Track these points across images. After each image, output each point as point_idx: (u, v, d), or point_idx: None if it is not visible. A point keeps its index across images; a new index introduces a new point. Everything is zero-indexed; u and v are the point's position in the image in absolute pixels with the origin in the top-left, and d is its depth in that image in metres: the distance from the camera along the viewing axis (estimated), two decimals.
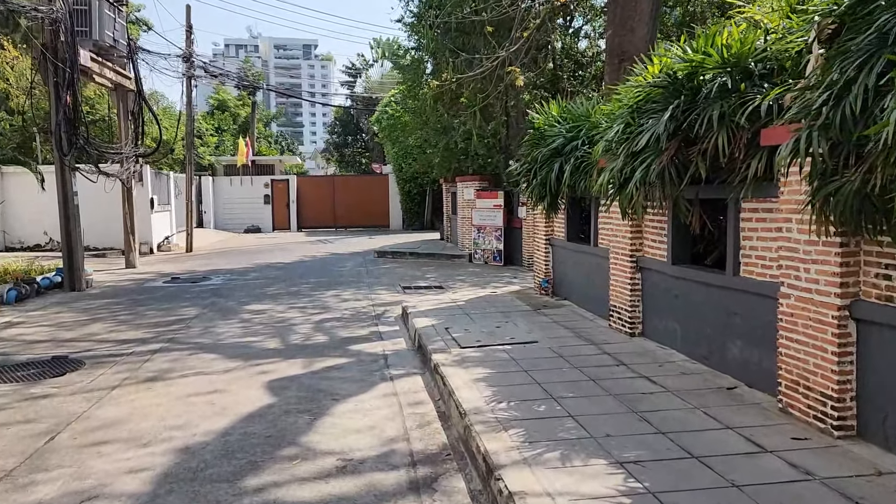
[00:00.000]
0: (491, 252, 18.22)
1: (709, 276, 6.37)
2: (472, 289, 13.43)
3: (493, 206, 18.15)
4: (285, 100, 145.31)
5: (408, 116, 21.29)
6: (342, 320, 10.60)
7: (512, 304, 10.49)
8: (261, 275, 16.55)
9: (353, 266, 18.23)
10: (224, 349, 8.70)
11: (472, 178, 19.24)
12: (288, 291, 13.73)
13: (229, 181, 33.42)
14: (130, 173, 17.81)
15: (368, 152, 51.39)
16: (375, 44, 49.89)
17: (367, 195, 33.90)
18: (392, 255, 20.20)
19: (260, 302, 12.42)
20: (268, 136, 58.11)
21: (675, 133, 5.81)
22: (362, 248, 23.60)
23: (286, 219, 33.71)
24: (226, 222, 33.00)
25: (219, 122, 38.20)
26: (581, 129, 8.98)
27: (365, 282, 15.03)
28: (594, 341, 7.76)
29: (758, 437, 4.64)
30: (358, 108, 49.91)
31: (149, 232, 22.36)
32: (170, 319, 10.80)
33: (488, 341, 7.90)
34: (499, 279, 15.09)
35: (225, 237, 29.74)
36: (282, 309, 11.68)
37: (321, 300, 12.60)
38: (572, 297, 10.32)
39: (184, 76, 22.25)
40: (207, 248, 24.90)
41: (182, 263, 19.38)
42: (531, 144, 10.35)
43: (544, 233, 11.25)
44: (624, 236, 7.92)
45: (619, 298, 8.10)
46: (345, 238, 28.69)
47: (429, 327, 8.86)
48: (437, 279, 15.27)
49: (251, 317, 10.98)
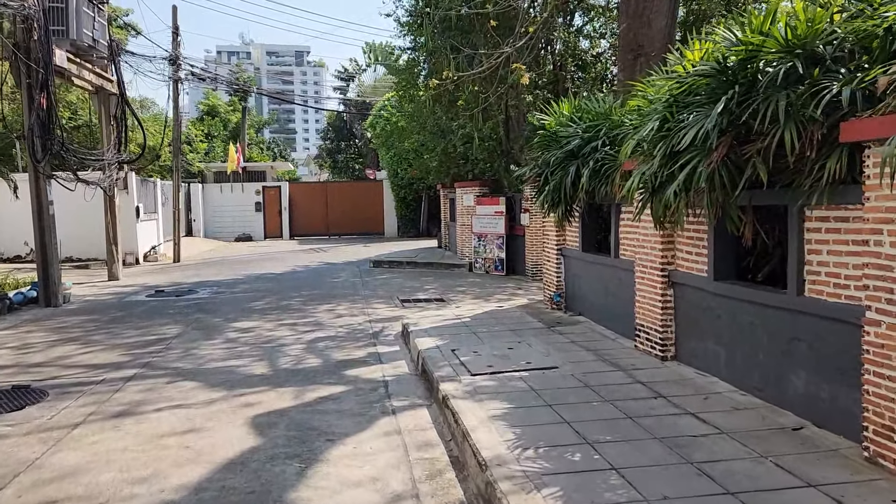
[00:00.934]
0: (492, 261, 17.35)
1: (763, 294, 5.50)
2: (475, 302, 12.56)
3: (495, 212, 17.30)
4: (278, 106, 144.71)
5: (403, 121, 20.41)
6: (336, 339, 9.71)
7: (522, 321, 9.61)
8: (250, 287, 15.64)
9: (347, 277, 17.33)
10: (205, 376, 7.80)
11: (472, 184, 18.38)
12: (278, 306, 12.83)
13: (219, 188, 32.48)
14: (113, 181, 16.90)
15: (362, 158, 50.55)
16: (368, 48, 48.99)
17: (361, 202, 33.01)
18: (388, 265, 19.32)
19: (248, 318, 11.51)
20: (260, 143, 57.18)
21: (728, 129, 4.96)
22: (357, 256, 22.71)
23: (278, 226, 32.78)
24: (216, 230, 32.06)
25: (209, 128, 37.22)
26: (600, 129, 8.13)
27: (360, 294, 14.14)
28: (621, 366, 6.89)
29: (850, 500, 3.77)
30: (351, 114, 49.12)
31: (134, 242, 21.42)
32: (148, 339, 9.88)
33: (502, 367, 7.02)
34: (502, 290, 14.22)
35: (215, 246, 28.79)
36: (271, 326, 10.77)
37: (314, 316, 11.70)
38: (589, 313, 9.45)
39: (170, 79, 21.35)
40: (196, 257, 23.96)
41: (168, 275, 18.45)
42: (541, 146, 9.50)
43: (555, 242, 10.39)
44: (653, 247, 7.06)
45: (648, 317, 7.24)
46: (338, 246, 27.79)
47: (433, 349, 7.98)
48: (437, 291, 14.40)
49: (237, 336, 10.07)
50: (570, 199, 8.61)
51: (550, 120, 9.45)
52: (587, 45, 18.24)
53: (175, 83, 21.37)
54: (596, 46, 18.50)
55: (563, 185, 8.56)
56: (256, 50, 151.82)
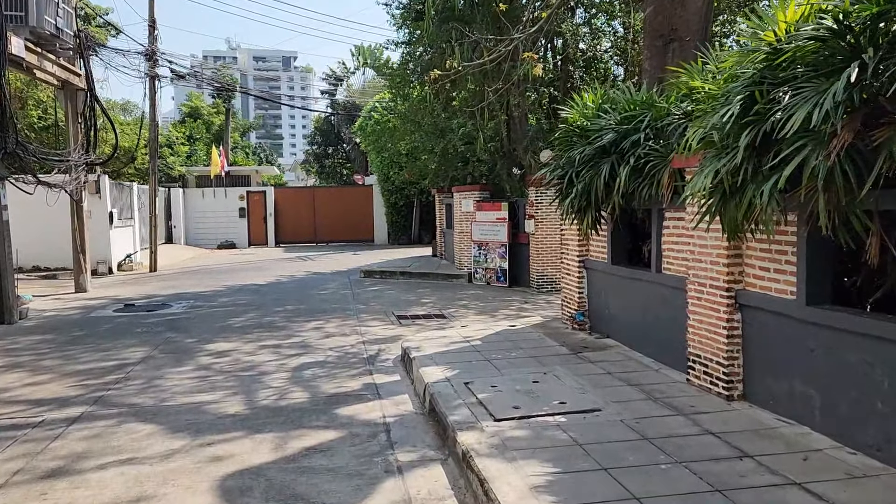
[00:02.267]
0: (494, 271, 16.07)
1: (884, 326, 4.24)
2: (480, 318, 11.27)
3: (496, 218, 16.03)
4: (264, 111, 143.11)
5: (396, 121, 19.11)
6: (326, 366, 8.38)
7: (542, 345, 8.32)
8: (230, 300, 14.26)
9: (336, 288, 15.99)
10: (168, 416, 6.45)
11: (471, 188, 17.09)
12: (260, 323, 11.47)
13: (201, 193, 31.02)
14: (80, 184, 15.49)
15: (350, 163, 49.21)
16: (357, 51, 47.76)
17: (350, 207, 31.65)
18: (380, 275, 17.99)
19: (225, 338, 10.16)
20: (245, 147, 55.73)
21: (857, 107, 3.71)
22: (346, 265, 21.37)
23: (263, 233, 31.35)
24: (198, 237, 30.60)
25: (190, 130, 35.71)
26: (642, 120, 6.86)
27: (352, 309, 12.81)
28: (679, 408, 5.60)
29: None
30: (339, 117, 47.76)
31: (107, 250, 19.98)
32: (107, 366, 8.51)
33: (531, 408, 5.72)
34: (508, 304, 12.94)
35: (196, 254, 27.34)
36: (251, 349, 9.42)
37: (300, 335, 10.36)
38: (619, 336, 8.17)
39: (146, 75, 19.94)
40: (175, 266, 22.52)
41: (142, 286, 17.03)
42: (563, 143, 8.22)
43: (577, 253, 9.10)
44: (715, 262, 5.80)
45: (707, 346, 5.96)
46: (327, 254, 26.41)
47: (442, 382, 6.67)
48: (435, 305, 13.09)
49: (211, 361, 8.71)
50: (601, 202, 7.33)
51: (574, 113, 8.18)
52: (590, 42, 17.06)
53: (152, 80, 19.95)
54: (599, 44, 17.34)
55: (593, 186, 7.28)
56: (243, 55, 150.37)
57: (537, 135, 14.99)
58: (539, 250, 15.02)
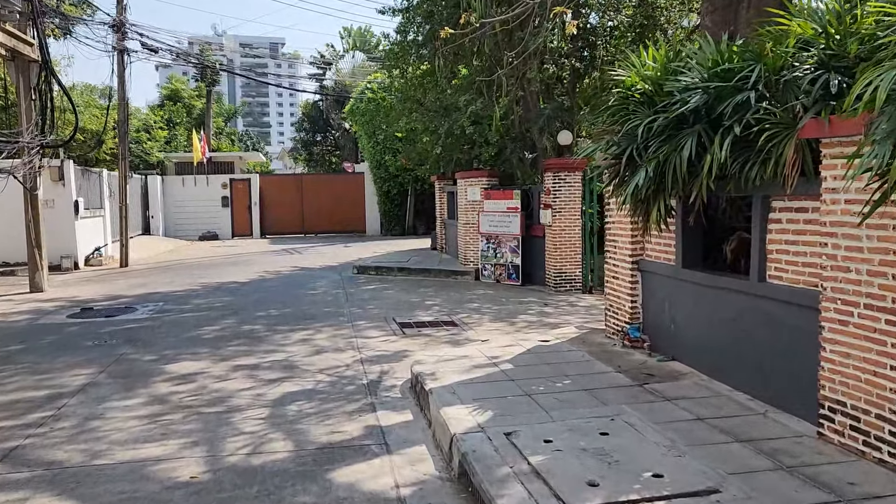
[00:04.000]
0: (504, 268, 14.29)
1: None
2: (499, 327, 9.49)
3: (508, 208, 14.23)
4: (251, 98, 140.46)
5: (392, 99, 17.20)
6: (316, 397, 6.58)
7: (591, 369, 6.55)
8: (205, 303, 12.42)
9: (327, 287, 14.17)
10: (95, 485, 4.63)
11: (478, 174, 15.26)
12: (237, 332, 9.64)
13: (181, 181, 29.01)
14: (34, 169, 13.59)
15: (339, 150, 47.26)
16: (346, 32, 45.25)
17: (340, 196, 29.72)
18: (376, 272, 16.16)
19: (193, 355, 8.34)
20: (231, 134, 53.58)
21: None
22: (337, 259, 19.53)
23: (248, 224, 29.41)
24: (177, 228, 28.63)
25: (170, 114, 33.59)
26: (748, 74, 5.03)
27: (345, 314, 11.00)
28: (837, 491, 3.83)
29: None
30: (328, 102, 45.74)
31: (73, 242, 18.06)
32: (36, 397, 6.68)
33: (615, 485, 3.94)
34: (525, 307, 11.18)
35: (174, 246, 25.40)
36: (222, 370, 7.60)
37: (283, 350, 8.55)
38: (693, 360, 6.40)
39: (114, 49, 17.95)
40: (150, 260, 20.62)
41: (109, 284, 15.16)
42: (619, 113, 6.41)
43: (629, 252, 7.30)
44: (879, 271, 4.02)
45: (862, 393, 4.20)
46: (315, 246, 24.54)
47: (476, 434, 4.88)
48: (442, 308, 11.31)
49: (170, 390, 6.89)
50: (682, 186, 5.52)
51: (631, 75, 6.38)
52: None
53: (120, 54, 17.96)
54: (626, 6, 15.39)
55: (669, 166, 5.48)
56: (229, 41, 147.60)
57: (556, 113, 13.17)
58: (557, 244, 13.25)
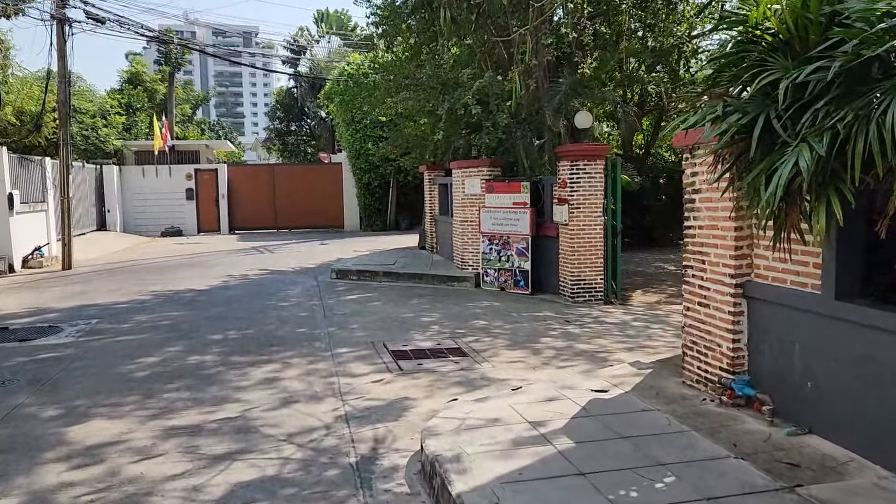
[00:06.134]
0: (511, 274, 12.12)
1: None
2: (520, 357, 7.32)
3: (514, 203, 12.06)
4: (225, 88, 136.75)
5: (376, 76, 14.90)
6: (279, 496, 4.36)
7: (691, 449, 4.39)
8: (150, 319, 10.11)
9: (301, 297, 11.91)
10: None
11: (478, 164, 13.04)
12: (180, 368, 7.37)
13: (141, 171, 26.44)
14: None
15: (315, 140, 44.85)
16: (319, 16, 42.33)
17: (315, 188, 27.35)
18: (358, 276, 13.91)
19: (113, 408, 6.07)
20: (201, 123, 50.87)
21: None
22: (313, 260, 17.24)
23: (215, 218, 26.94)
24: (137, 223, 26.10)
25: (129, 98, 30.90)
26: None
27: (322, 337, 8.77)
28: None
29: None
30: (303, 88, 43.22)
31: (7, 242, 15.66)
32: None
33: None
34: (546, 327, 9.03)
35: (132, 243, 22.91)
36: (147, 439, 5.34)
37: (239, 399, 6.29)
38: (856, 441, 4.23)
39: (53, 19, 15.48)
40: (101, 260, 18.16)
41: (40, 292, 12.77)
42: (738, 66, 4.24)
43: (731, 267, 5.11)
44: None
45: None
46: (289, 244, 22.20)
47: None
48: (443, 327, 9.14)
49: (62, 480, 4.62)
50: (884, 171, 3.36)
51: (757, 11, 4.22)
52: None
53: (59, 23, 15.48)
54: None
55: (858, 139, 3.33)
56: (202, 30, 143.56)
57: (574, 90, 10.98)
58: (574, 246, 11.12)
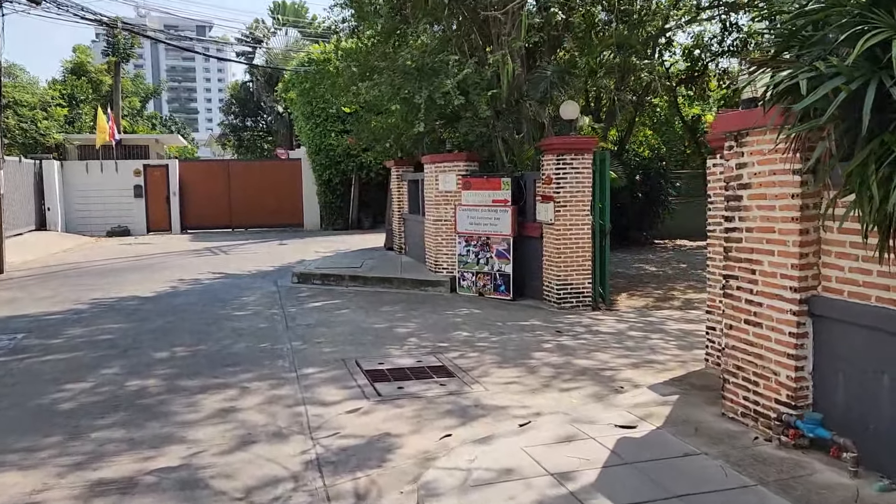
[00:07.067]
0: (490, 277, 11.13)
1: None
2: (515, 377, 6.30)
3: (494, 201, 11.07)
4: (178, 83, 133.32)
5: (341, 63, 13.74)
6: None
7: None
8: (86, 333, 8.85)
9: (259, 305, 10.74)
10: None
11: (454, 158, 12.01)
12: (115, 397, 6.18)
13: (85, 167, 24.79)
14: None
15: (272, 136, 43.35)
16: (276, 7, 40.67)
17: (273, 186, 26.03)
18: (322, 280, 12.75)
19: (26, 454, 4.87)
20: (152, 118, 48.78)
21: None
22: (272, 262, 16.02)
23: (165, 217, 25.41)
24: (81, 222, 24.45)
25: (72, 89, 29.10)
26: None
27: (285, 353, 7.64)
28: None
29: None
30: (259, 82, 41.68)
31: None
32: None
33: None
34: (535, 338, 8.04)
35: (73, 244, 21.32)
36: (64, 501, 4.20)
37: (185, 439, 5.15)
38: None
39: None
40: (38, 263, 16.65)
41: None
42: (851, 24, 3.27)
43: (795, 281, 4.14)
44: None
45: None
46: (245, 244, 20.88)
47: None
48: (421, 340, 8.08)
49: None
50: None
51: None
52: None
53: None
54: None
55: None
56: (154, 23, 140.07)
57: (562, 77, 10.02)
58: (560, 248, 10.19)
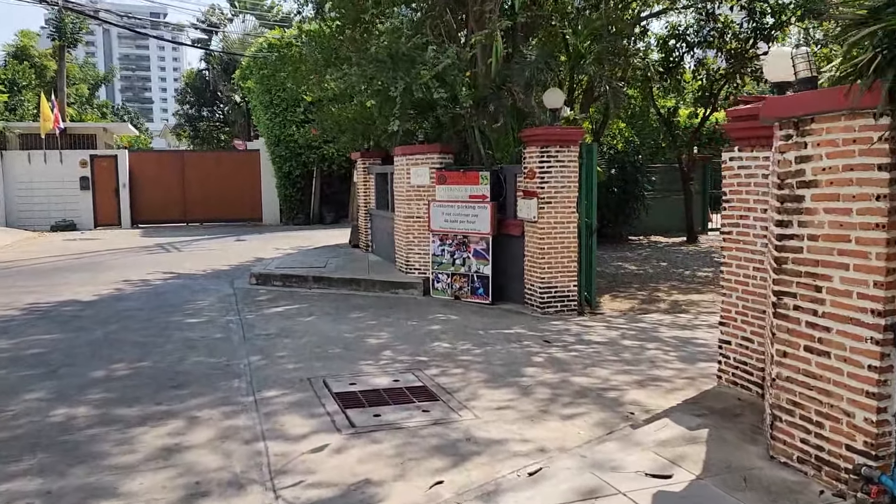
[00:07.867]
0: (467, 279, 10.27)
1: None
2: (509, 402, 5.45)
3: (471, 197, 10.21)
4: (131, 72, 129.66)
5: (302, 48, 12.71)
6: None
7: None
8: (10, 348, 7.74)
9: (213, 311, 9.71)
10: None
11: (427, 149, 11.09)
12: (37, 432, 5.15)
13: (27, 157, 23.32)
14: None
15: (229, 126, 41.85)
16: None
17: (231, 178, 24.85)
18: (283, 282, 11.75)
19: None
20: (102, 106, 46.82)
21: None
22: (228, 260, 14.95)
23: (114, 210, 24.04)
24: (23, 216, 23.01)
25: (13, 75, 27.43)
26: None
27: (242, 373, 6.67)
28: None
29: None
30: (215, 70, 40.19)
31: None
32: None
33: None
34: (523, 350, 7.20)
35: (12, 240, 19.88)
36: None
37: (117, 492, 4.15)
38: None
39: None
40: None
41: None
42: None
43: (879, 304, 3.35)
44: None
45: None
46: (200, 240, 19.69)
47: None
48: (396, 353, 7.18)
49: None
50: None
51: None
52: None
53: None
54: None
55: None
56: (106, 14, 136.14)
57: (547, 62, 9.19)
58: (544, 247, 9.37)
